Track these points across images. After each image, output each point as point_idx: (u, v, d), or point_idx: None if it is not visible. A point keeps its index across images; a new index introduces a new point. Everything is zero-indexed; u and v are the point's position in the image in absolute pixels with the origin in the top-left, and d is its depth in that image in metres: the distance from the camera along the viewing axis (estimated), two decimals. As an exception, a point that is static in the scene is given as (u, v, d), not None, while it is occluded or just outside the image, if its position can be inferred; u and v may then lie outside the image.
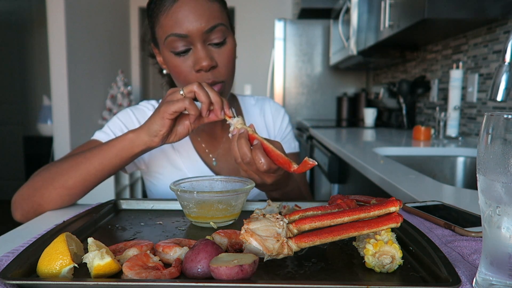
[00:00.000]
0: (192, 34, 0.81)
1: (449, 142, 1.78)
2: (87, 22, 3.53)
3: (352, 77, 3.80)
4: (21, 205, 0.79)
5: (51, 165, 0.81)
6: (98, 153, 0.78)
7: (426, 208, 0.71)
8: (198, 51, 0.83)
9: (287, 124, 1.11)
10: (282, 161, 0.66)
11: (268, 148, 0.67)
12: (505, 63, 1.01)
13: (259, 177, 0.71)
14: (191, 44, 0.83)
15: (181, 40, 0.82)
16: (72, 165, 0.78)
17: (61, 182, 0.77)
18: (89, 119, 3.62)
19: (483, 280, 0.42)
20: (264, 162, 0.67)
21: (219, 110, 0.74)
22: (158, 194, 0.99)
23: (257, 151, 0.67)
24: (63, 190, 0.77)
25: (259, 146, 0.68)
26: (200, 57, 0.82)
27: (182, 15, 0.81)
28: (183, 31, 0.81)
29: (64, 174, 0.77)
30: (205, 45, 0.84)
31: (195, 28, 0.81)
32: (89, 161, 0.77)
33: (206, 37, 0.83)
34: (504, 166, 0.38)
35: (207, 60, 0.82)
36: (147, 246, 0.51)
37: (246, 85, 4.59)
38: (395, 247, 0.46)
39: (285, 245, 0.46)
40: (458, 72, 1.88)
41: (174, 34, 0.82)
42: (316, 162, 0.63)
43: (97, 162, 0.77)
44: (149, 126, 0.75)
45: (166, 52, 0.85)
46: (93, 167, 0.77)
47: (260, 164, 0.67)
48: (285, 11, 4.53)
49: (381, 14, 2.18)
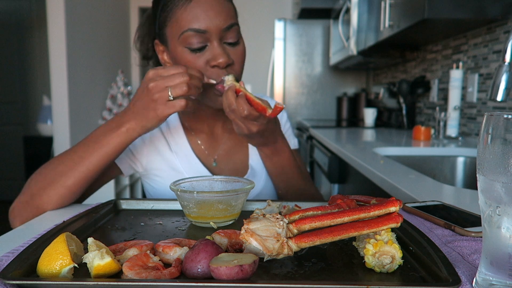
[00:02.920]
0: (211, 30, 0.81)
1: (449, 142, 1.78)
2: (87, 22, 3.53)
3: (352, 77, 3.80)
4: (20, 213, 0.78)
5: (46, 168, 0.80)
6: (94, 150, 0.78)
7: (426, 208, 0.71)
8: (215, 47, 0.83)
9: (286, 121, 1.11)
10: (260, 108, 0.76)
11: (250, 98, 0.77)
12: (505, 63, 1.00)
13: (245, 126, 0.79)
14: (207, 41, 0.83)
15: (198, 35, 0.81)
16: (69, 165, 0.78)
17: (61, 182, 0.77)
18: (89, 119, 3.62)
19: (483, 280, 0.42)
20: (245, 107, 0.75)
21: None
22: (157, 196, 0.98)
23: (240, 99, 0.76)
24: (63, 190, 0.77)
25: (242, 95, 0.77)
26: (218, 53, 0.82)
27: (201, 10, 0.81)
28: (202, 26, 0.81)
29: (63, 175, 0.77)
30: (221, 43, 0.84)
31: (214, 25, 0.81)
32: (87, 160, 0.78)
33: (223, 35, 0.83)
34: (504, 166, 0.38)
35: (225, 57, 0.82)
36: (147, 246, 0.51)
37: (246, 85, 4.56)
38: (395, 247, 0.46)
39: (285, 245, 0.46)
40: (458, 72, 1.88)
41: (192, 29, 0.81)
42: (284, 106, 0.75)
43: (95, 159, 0.78)
44: (144, 124, 0.78)
45: (179, 48, 0.84)
46: (92, 164, 0.78)
47: (241, 109, 0.76)
48: (285, 11, 4.53)
49: (381, 14, 2.18)
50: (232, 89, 0.78)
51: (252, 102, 0.77)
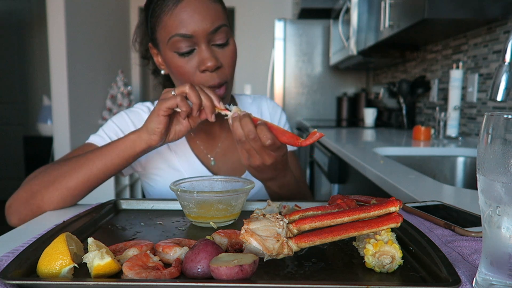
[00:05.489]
0: (197, 35, 0.81)
1: (449, 142, 1.78)
2: (87, 22, 3.53)
3: (352, 77, 3.80)
4: (18, 210, 0.78)
5: (49, 168, 0.80)
6: (100, 154, 0.79)
7: (426, 208, 0.71)
8: (203, 51, 0.83)
9: (285, 122, 1.11)
10: (288, 135, 0.69)
11: (273, 126, 0.70)
12: (505, 63, 1.00)
13: (260, 157, 0.72)
14: (195, 45, 0.83)
15: (185, 40, 0.82)
16: (74, 166, 0.78)
17: (63, 183, 0.77)
18: (89, 119, 3.62)
19: (483, 280, 0.42)
20: (269, 136, 0.69)
21: (210, 114, 0.77)
22: (156, 195, 0.98)
23: (263, 127, 0.69)
24: (64, 191, 0.77)
25: (263, 123, 0.70)
26: (205, 57, 0.83)
27: (187, 15, 0.81)
28: (188, 31, 0.81)
29: (66, 176, 0.77)
30: (209, 45, 0.84)
31: (200, 29, 0.81)
32: (91, 162, 0.78)
33: (211, 38, 0.83)
34: (504, 166, 0.38)
35: (213, 61, 0.82)
36: (147, 246, 0.51)
37: (246, 85, 4.58)
38: (395, 247, 0.46)
39: (285, 245, 0.46)
40: (458, 72, 1.88)
41: (179, 34, 0.81)
42: (324, 134, 0.66)
43: (100, 163, 0.78)
44: (147, 125, 0.77)
45: (168, 53, 0.85)
46: (96, 168, 0.78)
47: (264, 138, 0.69)
48: (285, 11, 4.53)
49: (381, 14, 2.18)
50: (249, 116, 0.71)
51: (275, 131, 0.70)
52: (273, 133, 0.70)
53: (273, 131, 0.70)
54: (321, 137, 0.65)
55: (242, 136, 0.71)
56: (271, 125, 0.70)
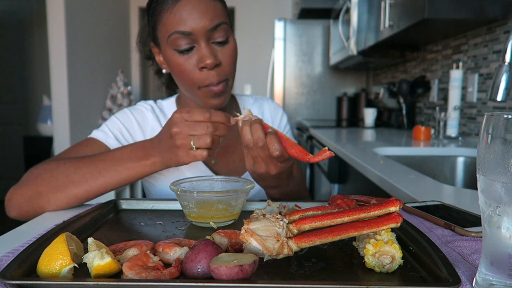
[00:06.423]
0: (197, 32, 0.82)
1: (449, 142, 1.78)
2: (87, 22, 3.53)
3: (352, 77, 3.80)
4: (19, 205, 0.78)
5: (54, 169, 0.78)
6: (115, 171, 0.77)
7: (426, 208, 0.71)
8: (202, 48, 0.83)
9: (286, 123, 1.11)
10: (298, 149, 0.67)
11: (283, 137, 0.68)
12: (505, 63, 1.00)
13: (266, 166, 0.71)
14: (194, 42, 0.83)
15: (184, 38, 0.82)
16: (86, 177, 0.77)
17: (73, 192, 0.76)
18: (89, 119, 3.62)
19: (483, 280, 0.42)
20: (277, 147, 0.67)
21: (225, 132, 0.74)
22: (157, 194, 0.98)
23: (273, 136, 0.67)
24: (72, 198, 0.77)
25: (274, 132, 0.68)
26: (204, 54, 0.83)
27: (186, 13, 0.81)
28: (187, 28, 0.81)
29: (76, 185, 0.76)
30: (209, 43, 0.84)
31: (199, 26, 0.81)
32: (105, 178, 0.77)
33: (210, 35, 0.83)
34: (504, 166, 0.38)
35: (212, 58, 0.83)
36: (147, 246, 0.51)
37: (246, 85, 4.58)
38: (395, 247, 0.46)
39: (285, 245, 0.46)
40: (458, 72, 1.88)
41: (178, 31, 0.82)
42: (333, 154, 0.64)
43: (114, 180, 0.77)
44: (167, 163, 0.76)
45: (168, 51, 0.85)
46: (108, 183, 0.77)
47: (273, 148, 0.67)
48: (285, 11, 4.53)
49: (381, 14, 2.18)
50: (260, 123, 0.69)
51: (285, 143, 0.68)
52: (282, 144, 0.68)
53: (282, 142, 0.68)
54: (330, 156, 0.63)
55: (251, 142, 0.68)
56: (281, 135, 0.68)
